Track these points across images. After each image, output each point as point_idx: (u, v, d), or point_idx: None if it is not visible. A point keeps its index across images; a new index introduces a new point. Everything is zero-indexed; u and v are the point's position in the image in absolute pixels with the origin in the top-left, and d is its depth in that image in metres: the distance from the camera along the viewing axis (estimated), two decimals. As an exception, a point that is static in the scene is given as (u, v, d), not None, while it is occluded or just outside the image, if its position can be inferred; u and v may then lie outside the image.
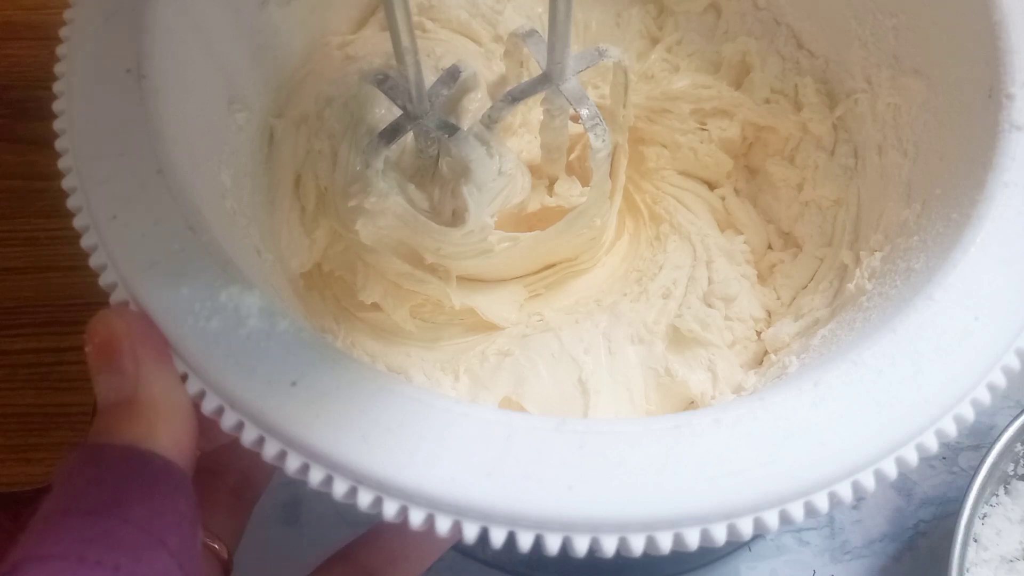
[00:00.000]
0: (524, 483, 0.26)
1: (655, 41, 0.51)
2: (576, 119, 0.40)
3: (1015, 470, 0.45)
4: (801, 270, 0.45)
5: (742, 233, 0.47)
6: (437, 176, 0.41)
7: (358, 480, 0.26)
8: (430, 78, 0.38)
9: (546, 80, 0.39)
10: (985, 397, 0.28)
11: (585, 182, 0.45)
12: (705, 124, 0.49)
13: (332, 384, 0.27)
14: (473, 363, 0.42)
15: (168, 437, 0.27)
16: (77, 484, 0.25)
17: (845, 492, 0.26)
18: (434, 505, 0.26)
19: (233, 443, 0.27)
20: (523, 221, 0.45)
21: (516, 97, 0.39)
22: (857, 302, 0.36)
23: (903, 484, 0.49)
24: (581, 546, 0.25)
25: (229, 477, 0.36)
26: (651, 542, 0.25)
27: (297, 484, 0.27)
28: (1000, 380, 0.28)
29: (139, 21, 0.33)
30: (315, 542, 0.48)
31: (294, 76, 0.44)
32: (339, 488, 0.26)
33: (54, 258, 0.55)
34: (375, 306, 0.43)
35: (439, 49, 0.45)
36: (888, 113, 0.41)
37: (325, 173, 0.42)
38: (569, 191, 0.46)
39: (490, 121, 0.40)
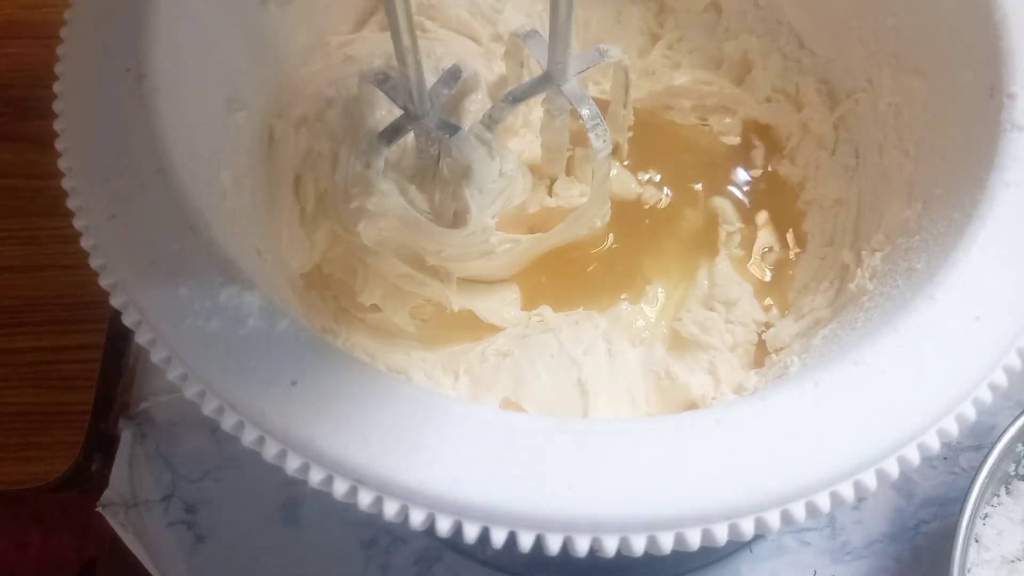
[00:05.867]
0: (525, 483, 0.26)
1: (656, 38, 0.51)
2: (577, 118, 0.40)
3: (1016, 470, 0.45)
4: (803, 270, 0.45)
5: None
6: (438, 177, 0.40)
7: (358, 480, 0.26)
8: (430, 78, 0.38)
9: (547, 80, 0.39)
10: (987, 397, 0.28)
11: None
12: (706, 120, 0.49)
13: (332, 384, 0.27)
14: (473, 363, 0.42)
15: None
16: None
17: (847, 492, 0.26)
18: (435, 505, 0.26)
19: None
20: (523, 222, 0.45)
21: (517, 97, 0.39)
22: (858, 302, 0.36)
23: (904, 484, 0.49)
24: (582, 546, 0.25)
25: None
26: (652, 542, 0.25)
27: (297, 484, 0.27)
28: (1002, 380, 0.28)
29: (139, 20, 0.33)
30: (315, 542, 0.48)
31: (294, 76, 0.44)
32: (339, 488, 0.26)
33: (54, 257, 0.55)
34: (375, 307, 0.43)
35: (439, 50, 0.45)
36: (889, 113, 0.41)
37: (325, 175, 0.42)
38: (569, 191, 0.46)
39: (491, 121, 0.39)
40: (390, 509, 0.26)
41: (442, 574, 0.47)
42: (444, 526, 0.26)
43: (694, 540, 0.25)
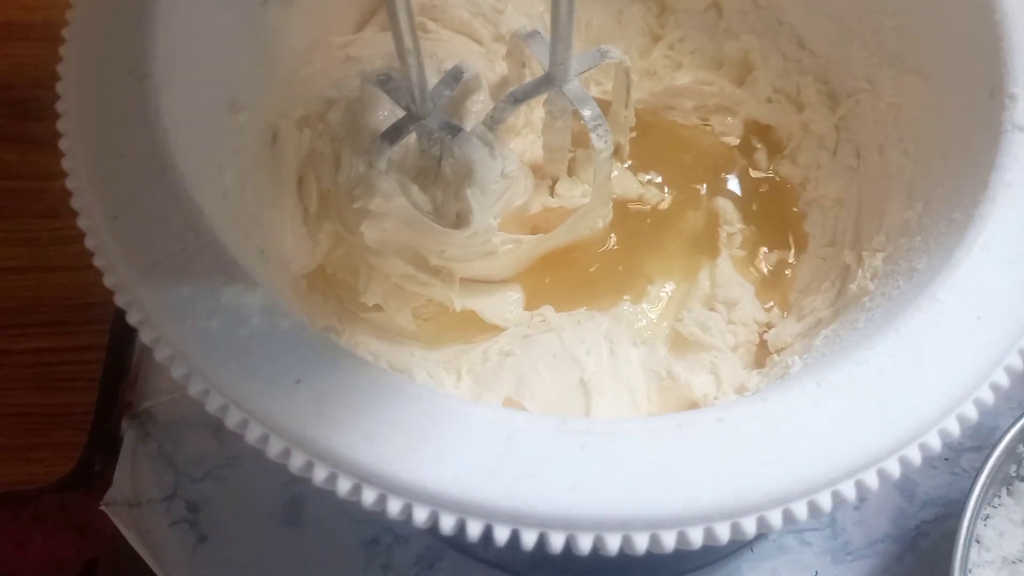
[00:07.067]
0: (527, 482, 0.26)
1: (657, 39, 0.51)
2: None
3: (1018, 471, 0.45)
4: (804, 270, 0.45)
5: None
6: (440, 178, 0.41)
7: (362, 478, 0.26)
8: (432, 79, 0.38)
9: (548, 81, 0.39)
10: (988, 397, 0.28)
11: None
12: (708, 120, 0.49)
13: (335, 383, 0.27)
14: (475, 363, 0.42)
15: None
16: None
17: (848, 491, 0.26)
18: (438, 503, 0.26)
19: None
20: (525, 222, 0.45)
21: (519, 98, 0.39)
22: (860, 302, 0.36)
23: (905, 485, 0.49)
24: (585, 544, 0.25)
25: None
26: (655, 540, 0.25)
27: (300, 483, 0.27)
28: (1003, 380, 0.28)
29: (141, 21, 0.33)
30: (317, 541, 0.48)
31: (296, 77, 0.44)
32: (343, 486, 0.26)
33: (56, 258, 0.55)
34: (378, 306, 0.43)
35: (441, 50, 0.45)
36: (889, 113, 0.41)
37: (328, 175, 0.42)
38: (571, 191, 0.46)
39: (493, 122, 0.39)
40: (393, 507, 0.26)
41: (444, 573, 0.47)
42: (447, 524, 0.26)
43: (696, 539, 0.25)
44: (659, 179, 0.48)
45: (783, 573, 0.47)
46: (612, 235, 0.46)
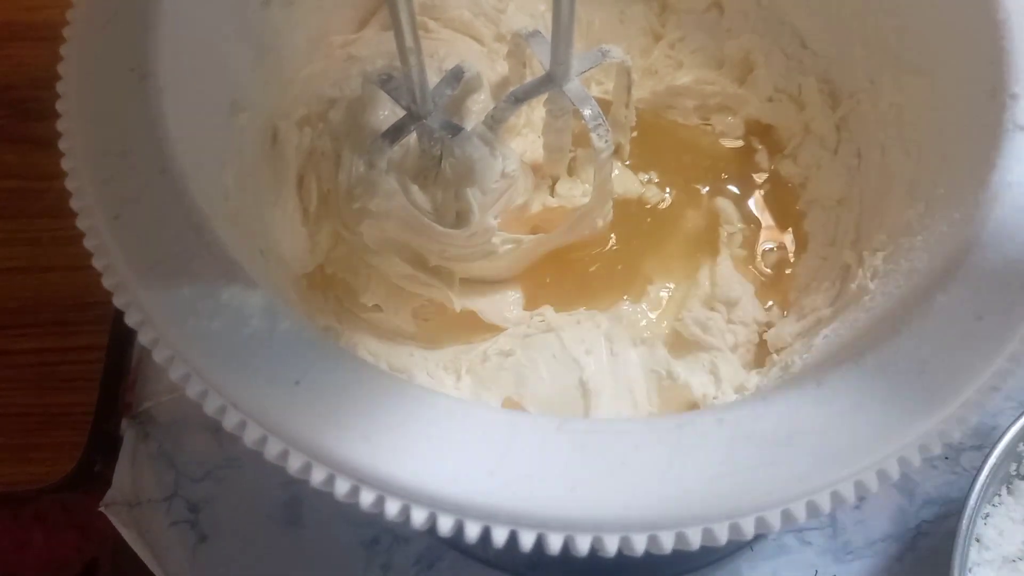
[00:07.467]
0: (526, 483, 0.26)
1: (658, 38, 0.51)
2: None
3: (1018, 470, 0.45)
4: (804, 270, 0.45)
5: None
6: (440, 177, 0.41)
7: (360, 479, 0.26)
8: (433, 79, 0.38)
9: (549, 81, 0.39)
10: (988, 398, 0.28)
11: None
12: (708, 120, 0.49)
13: (334, 383, 0.27)
14: (475, 363, 0.42)
15: None
16: None
17: (848, 492, 0.26)
18: (436, 504, 0.26)
19: None
20: (526, 222, 0.45)
21: (520, 98, 0.39)
22: (860, 302, 0.36)
23: (905, 484, 0.49)
24: (583, 545, 0.25)
25: None
26: (653, 541, 0.25)
27: (299, 484, 0.27)
28: (1003, 381, 0.28)
29: (142, 21, 0.33)
30: (317, 542, 0.48)
31: (297, 76, 0.44)
32: (341, 488, 0.26)
33: (56, 258, 0.55)
34: (378, 307, 0.43)
35: (442, 50, 0.45)
36: (891, 113, 0.41)
37: (328, 175, 0.42)
38: (571, 191, 0.46)
39: (494, 122, 0.39)
40: (391, 509, 0.26)
41: (444, 573, 0.47)
42: (445, 526, 0.26)
43: (695, 540, 0.25)
44: (659, 179, 0.48)
45: (783, 573, 0.47)
46: (612, 235, 0.46)
